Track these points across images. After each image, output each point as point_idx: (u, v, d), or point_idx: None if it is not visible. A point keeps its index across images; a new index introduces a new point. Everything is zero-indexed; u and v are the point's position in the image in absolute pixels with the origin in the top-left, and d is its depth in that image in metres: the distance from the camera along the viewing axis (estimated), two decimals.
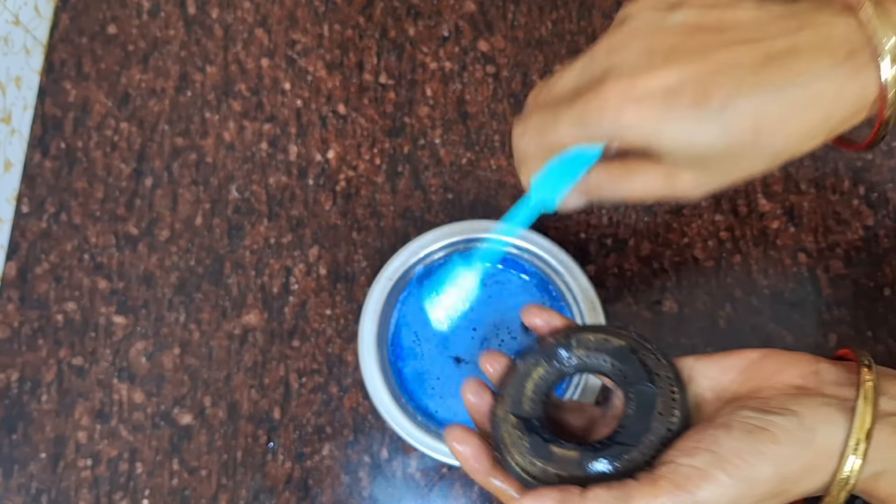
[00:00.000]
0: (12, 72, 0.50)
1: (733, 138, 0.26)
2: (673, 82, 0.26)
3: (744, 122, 0.25)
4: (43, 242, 0.50)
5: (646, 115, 0.26)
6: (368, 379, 0.43)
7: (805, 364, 0.29)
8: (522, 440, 0.30)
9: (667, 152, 0.27)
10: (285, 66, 0.53)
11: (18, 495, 0.45)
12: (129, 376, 0.47)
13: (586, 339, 0.32)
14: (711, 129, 0.26)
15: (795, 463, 0.27)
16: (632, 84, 0.26)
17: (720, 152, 0.26)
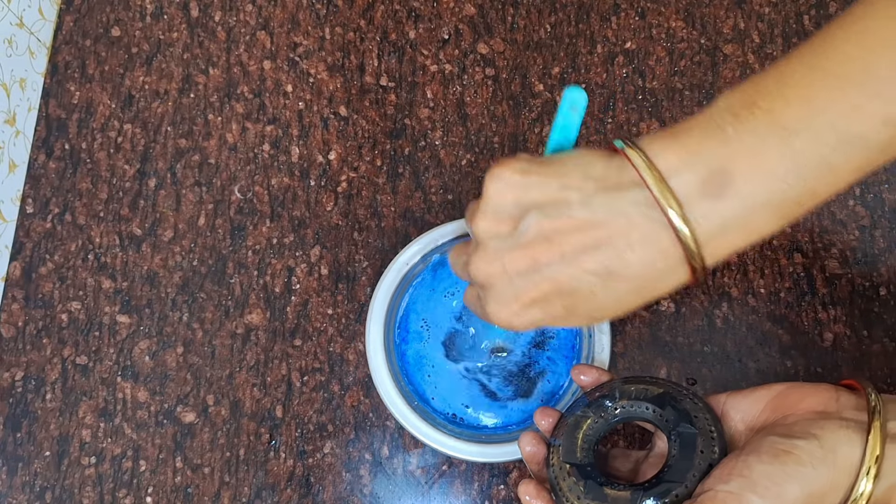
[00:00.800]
0: (16, 73, 0.50)
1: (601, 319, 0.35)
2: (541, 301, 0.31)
3: (606, 312, 0.31)
4: (47, 242, 0.50)
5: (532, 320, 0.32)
6: (372, 356, 0.43)
7: (826, 392, 0.33)
8: (578, 485, 0.34)
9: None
10: (287, 69, 0.54)
11: (23, 493, 0.46)
12: (132, 375, 0.48)
13: (628, 391, 0.37)
14: (583, 320, 0.32)
15: (819, 481, 0.29)
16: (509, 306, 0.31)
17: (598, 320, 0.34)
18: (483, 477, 0.46)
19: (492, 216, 0.31)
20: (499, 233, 0.31)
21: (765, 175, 0.27)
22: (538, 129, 0.52)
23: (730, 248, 0.29)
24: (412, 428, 0.42)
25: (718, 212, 0.28)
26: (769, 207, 0.28)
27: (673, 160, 0.28)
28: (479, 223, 0.31)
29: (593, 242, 0.29)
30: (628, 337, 0.48)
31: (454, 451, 0.42)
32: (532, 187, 0.30)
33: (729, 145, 0.27)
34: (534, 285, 0.30)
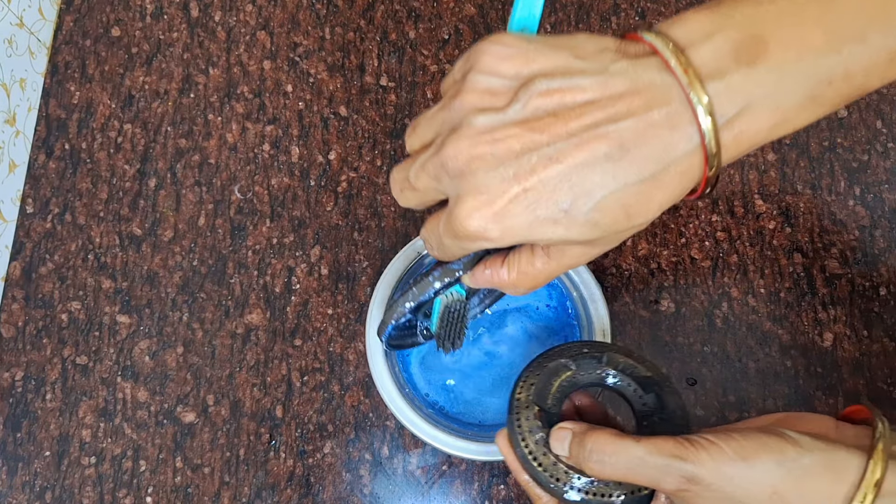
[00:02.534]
0: (17, 73, 0.50)
1: (606, 227, 0.25)
2: (531, 192, 0.25)
3: (613, 213, 0.25)
4: (47, 242, 0.50)
5: (513, 228, 0.25)
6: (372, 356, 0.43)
7: (825, 421, 0.31)
8: (542, 430, 0.32)
9: (548, 244, 0.27)
10: (287, 69, 0.54)
11: (23, 493, 0.46)
12: (132, 375, 0.48)
13: (616, 360, 0.35)
14: (583, 227, 0.25)
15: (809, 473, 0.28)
16: (489, 205, 0.25)
17: (596, 239, 0.26)
18: (483, 476, 0.46)
19: (483, 89, 0.25)
20: (490, 106, 0.25)
21: (800, 43, 0.24)
22: None
23: (752, 134, 0.25)
24: (412, 427, 0.42)
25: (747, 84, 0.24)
26: (801, 83, 0.24)
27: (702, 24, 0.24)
28: (465, 98, 0.26)
29: (607, 117, 0.24)
30: (628, 337, 0.48)
31: (455, 449, 0.42)
32: (537, 55, 0.25)
33: (761, 5, 0.24)
34: (528, 171, 0.24)
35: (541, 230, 0.25)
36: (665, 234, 0.50)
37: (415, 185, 0.28)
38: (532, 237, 0.25)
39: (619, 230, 0.26)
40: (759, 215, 0.51)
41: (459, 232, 0.26)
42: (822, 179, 0.51)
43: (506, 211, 0.25)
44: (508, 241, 0.26)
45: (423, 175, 0.27)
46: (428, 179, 0.27)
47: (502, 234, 0.25)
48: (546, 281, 0.29)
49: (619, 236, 0.27)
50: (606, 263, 0.50)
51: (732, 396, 0.47)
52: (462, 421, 0.45)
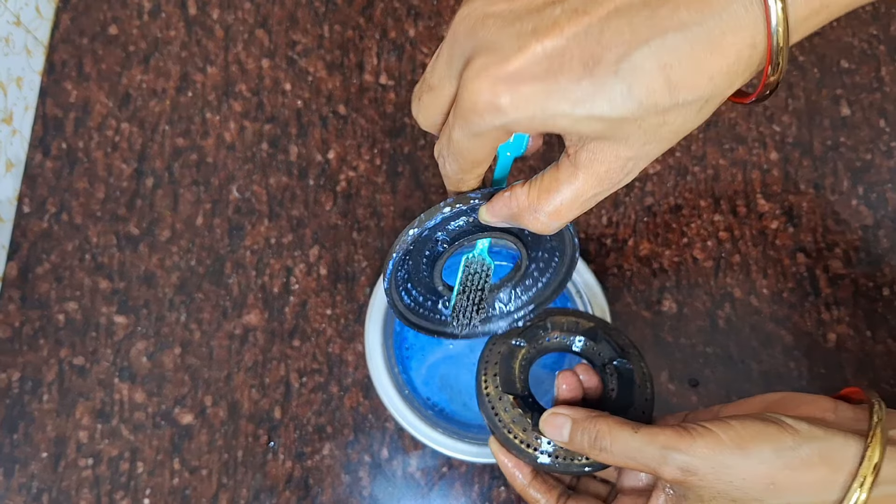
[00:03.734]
0: (13, 72, 0.50)
1: (644, 98, 0.21)
2: (552, 50, 0.20)
3: (650, 76, 0.20)
4: (44, 242, 0.50)
5: (529, 96, 0.21)
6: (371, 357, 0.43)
7: (824, 402, 0.31)
8: (525, 417, 0.32)
9: (571, 133, 0.22)
10: (286, 67, 0.53)
11: (19, 495, 0.45)
12: (129, 376, 0.47)
13: (559, 322, 0.36)
14: (612, 93, 0.20)
15: (800, 459, 0.27)
16: (502, 64, 0.21)
17: (634, 117, 0.21)
18: (483, 479, 0.46)
19: None
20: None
21: None
22: None
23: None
24: (412, 429, 0.42)
25: None
26: None
27: None
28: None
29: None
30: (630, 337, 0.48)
31: (454, 451, 0.41)
32: None
33: None
34: (550, 24, 0.20)
35: (562, 102, 0.21)
36: (667, 233, 0.50)
37: (430, 83, 0.24)
38: (551, 112, 0.21)
39: (658, 105, 0.21)
40: (762, 215, 0.50)
41: (467, 105, 0.22)
42: (826, 179, 0.51)
43: (521, 73, 0.21)
44: (523, 115, 0.21)
45: (438, 61, 0.24)
46: (441, 65, 0.23)
47: (515, 105, 0.21)
48: (574, 206, 0.25)
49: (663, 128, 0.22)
50: (608, 263, 0.49)
51: (735, 397, 0.47)
52: (462, 423, 0.45)
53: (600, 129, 0.22)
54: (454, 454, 0.41)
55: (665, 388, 0.47)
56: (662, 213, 0.50)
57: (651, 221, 0.50)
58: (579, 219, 0.50)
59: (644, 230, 0.50)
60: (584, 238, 0.50)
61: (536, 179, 0.26)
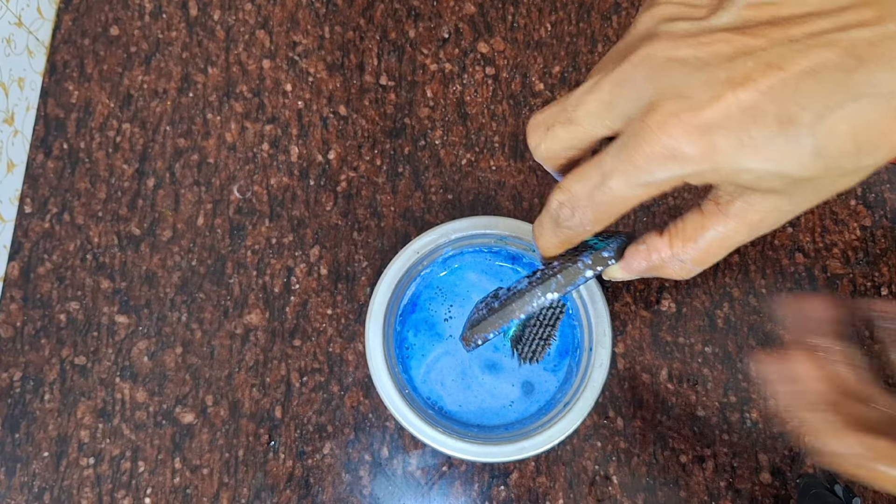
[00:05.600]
0: (15, 73, 0.50)
1: (832, 161, 0.20)
2: (746, 102, 0.20)
3: (841, 139, 0.20)
4: (46, 242, 0.50)
5: (720, 148, 0.20)
6: (371, 357, 0.43)
7: None
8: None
9: (746, 187, 0.22)
10: (287, 68, 0.54)
11: (21, 493, 0.46)
12: (131, 375, 0.48)
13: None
14: (803, 153, 0.20)
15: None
16: (695, 112, 0.20)
17: (816, 178, 0.21)
18: (483, 478, 0.46)
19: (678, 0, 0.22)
20: (689, 16, 0.22)
21: None
22: None
23: None
24: (412, 428, 0.42)
25: None
26: None
27: None
28: (656, 10, 0.22)
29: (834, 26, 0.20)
30: (629, 337, 0.48)
31: (455, 450, 0.42)
32: None
33: None
34: (743, 76, 0.20)
35: (752, 157, 0.20)
36: None
37: (573, 116, 0.23)
38: (738, 166, 0.21)
39: (842, 168, 0.21)
40: None
41: (645, 150, 0.21)
42: None
43: (713, 122, 0.20)
44: (708, 167, 0.21)
45: (593, 97, 0.23)
46: (599, 102, 0.22)
47: (702, 154, 0.21)
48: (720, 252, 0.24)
49: (829, 188, 0.22)
50: None
51: (734, 397, 0.47)
52: (462, 422, 0.45)
53: (776, 186, 0.21)
54: (454, 453, 0.41)
55: (664, 388, 0.47)
56: (662, 213, 0.50)
57: (650, 221, 0.50)
58: None
59: (643, 230, 0.50)
60: None
61: (676, 228, 0.25)
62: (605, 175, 0.22)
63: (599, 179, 0.23)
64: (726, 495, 0.45)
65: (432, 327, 0.46)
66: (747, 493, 0.46)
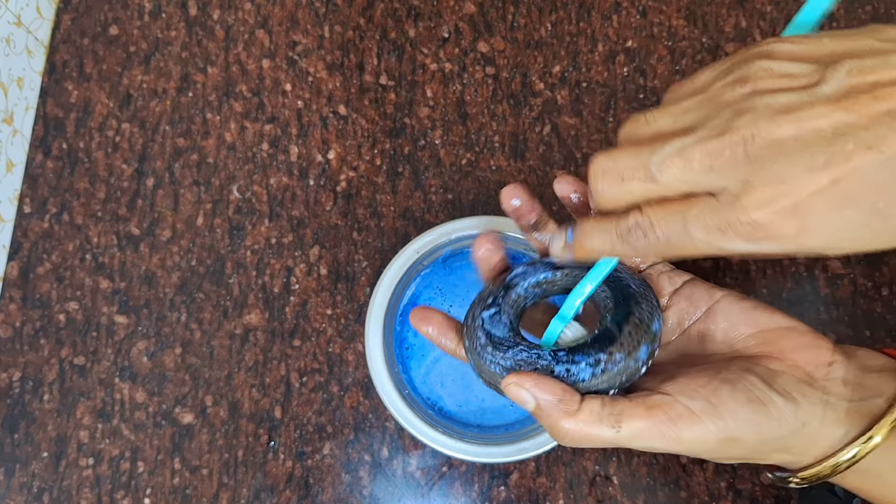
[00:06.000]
0: (14, 72, 0.50)
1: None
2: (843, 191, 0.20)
3: None
4: (45, 242, 0.50)
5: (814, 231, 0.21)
6: (371, 357, 0.43)
7: (822, 353, 0.30)
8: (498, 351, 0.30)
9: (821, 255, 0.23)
10: (286, 67, 0.53)
11: (20, 494, 0.45)
12: (130, 376, 0.47)
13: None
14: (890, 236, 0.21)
15: (777, 443, 0.28)
16: (793, 199, 0.21)
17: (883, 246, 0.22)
18: (483, 478, 0.46)
19: (779, 73, 0.22)
20: (789, 87, 0.22)
21: None
22: (539, 128, 0.52)
23: None
24: (412, 428, 0.42)
25: None
26: None
27: None
28: (756, 83, 0.22)
29: None
30: None
31: (454, 451, 0.41)
32: (835, 40, 0.22)
33: None
34: (843, 160, 0.20)
35: (843, 235, 0.21)
36: None
37: (657, 176, 0.23)
38: (830, 244, 0.22)
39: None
40: None
41: (737, 227, 0.22)
42: None
43: (810, 206, 0.21)
44: (794, 246, 0.22)
45: (682, 164, 0.23)
46: (688, 171, 0.23)
47: (797, 233, 0.21)
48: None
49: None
50: None
51: None
52: (462, 422, 0.45)
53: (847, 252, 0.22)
54: (454, 454, 0.41)
55: None
56: None
57: None
58: None
59: None
60: None
61: None
62: (689, 223, 0.23)
63: (682, 224, 0.23)
64: (727, 496, 0.45)
65: None
66: (748, 494, 0.45)
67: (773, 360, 0.30)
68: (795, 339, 0.30)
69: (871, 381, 0.29)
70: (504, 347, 0.29)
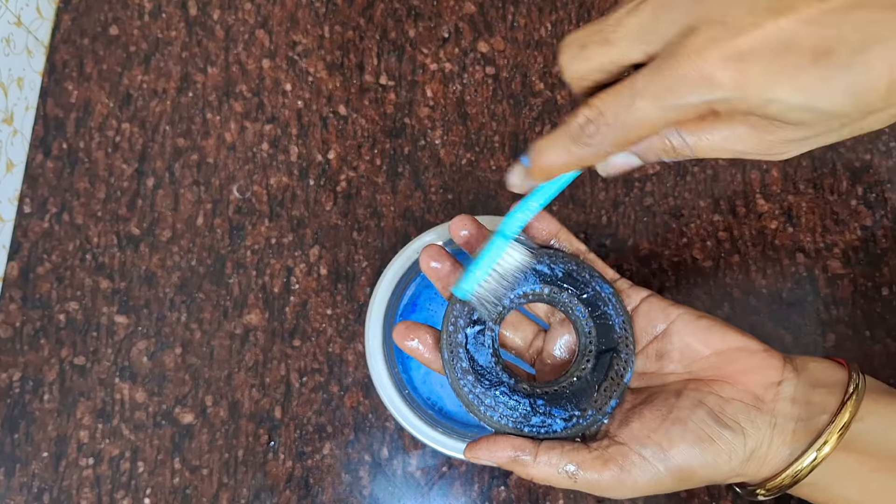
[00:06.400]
0: (14, 72, 0.50)
1: (863, 97, 0.20)
2: (786, 33, 0.20)
3: (877, 76, 0.20)
4: (45, 242, 0.50)
5: (752, 76, 0.21)
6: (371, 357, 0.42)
7: (771, 373, 0.31)
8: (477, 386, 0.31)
9: (774, 117, 0.22)
10: (286, 67, 0.53)
11: (20, 494, 0.45)
12: (130, 376, 0.47)
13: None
14: (836, 88, 0.20)
15: (728, 473, 0.30)
16: (732, 39, 0.20)
17: (843, 113, 0.21)
18: (483, 478, 0.46)
19: None
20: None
21: None
22: (539, 129, 0.52)
23: None
24: (412, 428, 0.42)
25: None
26: None
27: None
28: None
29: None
30: None
31: (455, 451, 0.41)
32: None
33: None
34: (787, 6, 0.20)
35: (783, 88, 0.20)
36: (666, 234, 0.50)
37: (610, 37, 0.23)
38: (768, 96, 0.21)
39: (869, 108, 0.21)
40: (761, 215, 0.50)
41: (678, 72, 0.21)
42: (825, 179, 0.51)
43: (751, 51, 0.20)
44: (737, 95, 0.21)
45: (633, 19, 0.22)
46: (639, 24, 0.22)
47: (734, 81, 0.21)
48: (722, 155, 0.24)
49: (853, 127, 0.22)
50: (608, 264, 0.49)
51: None
52: (462, 422, 0.45)
53: (805, 119, 0.22)
54: (454, 454, 0.41)
55: None
56: (662, 213, 0.50)
57: (651, 221, 0.50)
58: (578, 216, 0.50)
59: (644, 230, 0.50)
60: (583, 238, 0.50)
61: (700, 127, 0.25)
62: (636, 95, 0.22)
63: (629, 100, 0.23)
64: (727, 496, 0.45)
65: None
66: None
67: (724, 385, 0.31)
68: (745, 362, 0.31)
69: (819, 397, 0.31)
70: (486, 383, 0.31)
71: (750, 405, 0.30)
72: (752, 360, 0.31)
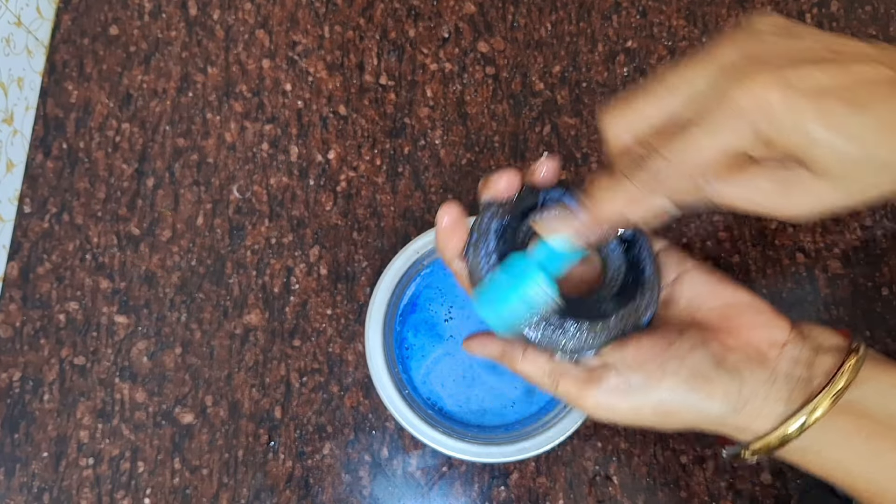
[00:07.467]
0: (14, 72, 0.50)
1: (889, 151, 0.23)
2: (824, 82, 0.23)
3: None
4: (45, 242, 0.50)
5: (800, 107, 0.22)
6: (371, 357, 0.42)
7: (777, 333, 0.31)
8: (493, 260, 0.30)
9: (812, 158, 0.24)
10: (286, 67, 0.53)
11: (20, 494, 0.45)
12: (130, 376, 0.47)
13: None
14: (868, 135, 0.23)
15: (715, 420, 0.30)
16: (780, 73, 0.23)
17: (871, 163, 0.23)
18: (483, 478, 0.46)
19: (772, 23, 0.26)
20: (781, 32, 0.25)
21: None
22: (539, 129, 0.52)
23: None
24: (412, 428, 0.42)
25: None
26: None
27: None
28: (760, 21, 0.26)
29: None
30: None
31: (454, 451, 0.41)
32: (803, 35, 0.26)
33: None
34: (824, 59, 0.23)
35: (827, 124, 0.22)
36: (666, 234, 0.50)
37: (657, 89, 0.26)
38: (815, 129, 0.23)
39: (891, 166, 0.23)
40: None
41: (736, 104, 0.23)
42: None
43: (794, 84, 0.23)
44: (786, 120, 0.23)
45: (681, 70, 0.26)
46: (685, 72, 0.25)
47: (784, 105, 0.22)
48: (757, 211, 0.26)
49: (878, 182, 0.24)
50: None
51: None
52: (462, 422, 0.45)
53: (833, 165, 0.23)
54: (454, 454, 0.41)
55: None
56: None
57: None
58: None
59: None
60: None
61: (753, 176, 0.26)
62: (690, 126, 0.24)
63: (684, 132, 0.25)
64: (727, 496, 0.45)
65: (432, 328, 0.46)
66: (748, 494, 0.45)
67: (729, 335, 0.31)
68: (753, 317, 0.31)
69: (821, 360, 0.30)
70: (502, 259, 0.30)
71: (752, 358, 0.30)
72: (759, 317, 0.31)
